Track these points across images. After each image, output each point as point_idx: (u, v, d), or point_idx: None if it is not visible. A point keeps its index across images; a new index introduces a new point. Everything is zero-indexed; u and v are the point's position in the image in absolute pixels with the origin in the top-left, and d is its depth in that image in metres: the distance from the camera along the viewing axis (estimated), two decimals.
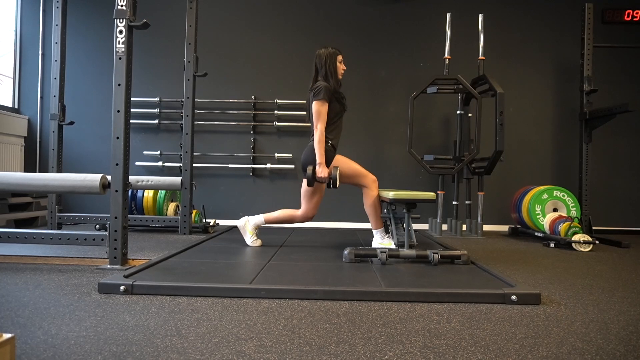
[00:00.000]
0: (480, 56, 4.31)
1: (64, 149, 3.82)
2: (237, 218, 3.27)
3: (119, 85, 2.47)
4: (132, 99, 4.75)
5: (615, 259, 3.06)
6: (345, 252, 2.64)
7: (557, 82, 4.88)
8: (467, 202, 4.44)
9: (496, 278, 2.20)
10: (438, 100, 4.80)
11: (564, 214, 3.84)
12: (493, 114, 4.00)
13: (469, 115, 4.46)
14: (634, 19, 4.80)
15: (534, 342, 1.41)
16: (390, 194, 2.66)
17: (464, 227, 4.40)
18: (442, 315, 1.67)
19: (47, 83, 4.80)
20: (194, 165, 4.63)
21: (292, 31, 4.93)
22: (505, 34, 4.86)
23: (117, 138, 2.46)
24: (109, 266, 2.43)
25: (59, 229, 3.83)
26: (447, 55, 4.32)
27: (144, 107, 4.86)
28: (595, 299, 1.97)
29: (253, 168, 4.85)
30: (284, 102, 4.81)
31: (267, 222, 3.17)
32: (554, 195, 3.91)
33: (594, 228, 4.16)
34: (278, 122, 4.81)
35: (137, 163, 4.82)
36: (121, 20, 2.47)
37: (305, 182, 2.95)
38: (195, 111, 4.66)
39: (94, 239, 2.48)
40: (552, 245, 3.58)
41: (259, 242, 3.20)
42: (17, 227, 4.03)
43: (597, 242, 3.46)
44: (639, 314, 1.75)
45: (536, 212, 3.91)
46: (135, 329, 1.46)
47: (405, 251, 2.63)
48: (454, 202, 4.49)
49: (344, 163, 3.03)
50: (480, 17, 4.34)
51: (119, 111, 2.47)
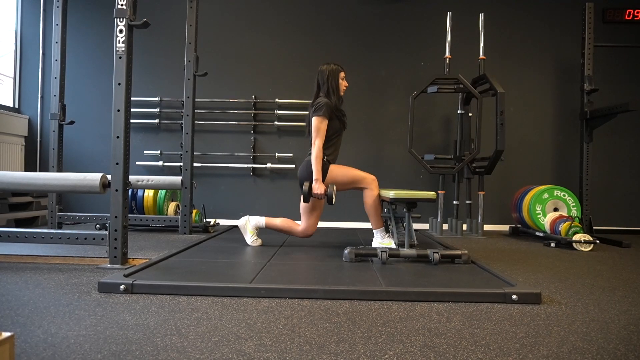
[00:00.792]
0: (481, 56, 4.31)
1: (64, 149, 3.83)
2: (238, 218, 3.27)
3: (119, 84, 2.47)
4: (132, 98, 4.78)
5: (616, 259, 3.05)
6: (346, 251, 2.63)
7: (558, 81, 4.87)
8: (467, 202, 4.44)
9: (497, 277, 2.19)
10: (438, 100, 4.79)
11: (564, 214, 3.83)
12: (493, 114, 3.99)
13: (470, 114, 4.46)
14: (635, 19, 4.79)
15: (534, 341, 1.41)
16: (390, 194, 2.66)
17: (465, 226, 4.40)
18: (443, 315, 1.67)
19: (47, 83, 4.80)
20: (195, 164, 4.63)
21: (293, 30, 4.93)
22: (505, 33, 4.86)
23: (117, 137, 2.46)
24: (109, 265, 2.43)
25: (60, 228, 3.83)
26: (447, 54, 4.32)
27: (144, 107, 4.86)
28: (596, 298, 1.97)
29: (253, 168, 4.85)
30: (284, 102, 4.81)
31: (268, 226, 3.17)
32: (555, 194, 3.91)
33: (594, 228, 4.16)
34: (278, 121, 4.81)
35: (137, 163, 4.82)
36: (121, 20, 2.47)
37: (302, 198, 2.96)
38: (196, 111, 4.65)
39: (94, 239, 2.48)
40: (552, 244, 3.58)
41: (259, 242, 3.20)
42: (17, 227, 4.03)
43: (597, 241, 3.45)
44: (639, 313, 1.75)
45: (537, 212, 3.90)
46: (135, 328, 1.46)
47: (406, 251, 2.62)
48: (455, 202, 4.48)
49: (340, 173, 3.00)
50: (481, 16, 4.34)
51: (119, 110, 2.46)
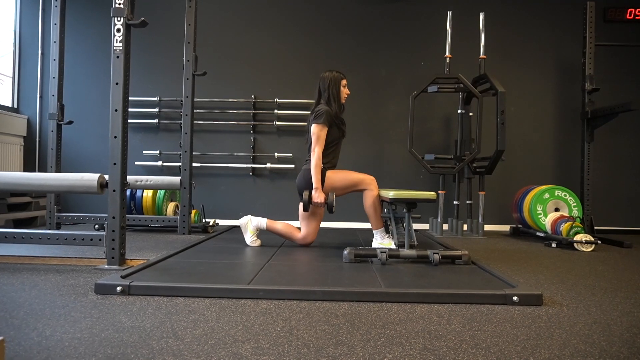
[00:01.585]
0: (481, 55, 4.29)
1: (64, 149, 3.82)
2: (237, 218, 3.25)
3: (117, 84, 2.45)
4: (131, 98, 4.77)
5: (618, 260, 3.03)
6: (345, 252, 2.61)
7: (559, 81, 4.85)
8: (468, 202, 4.42)
9: (497, 278, 2.17)
10: (439, 100, 4.77)
11: (565, 214, 3.81)
12: (494, 113, 3.97)
13: (470, 114, 4.44)
14: (636, 18, 4.77)
15: (535, 344, 1.39)
16: (390, 194, 2.64)
17: (465, 227, 4.38)
18: (443, 317, 1.65)
19: (46, 83, 4.78)
20: (194, 164, 4.62)
21: (293, 30, 4.91)
22: (506, 32, 4.83)
23: (115, 137, 2.44)
24: (106, 266, 2.41)
25: (58, 229, 3.81)
26: (447, 54, 4.30)
27: (143, 107, 4.84)
28: (597, 299, 1.95)
29: (253, 168, 4.83)
30: (284, 102, 4.79)
31: (269, 229, 3.16)
32: (556, 194, 3.89)
33: (595, 228, 4.13)
34: (278, 121, 4.79)
35: (136, 163, 4.80)
36: (119, 19, 2.45)
37: (302, 207, 2.94)
38: (195, 110, 4.63)
39: (91, 239, 2.46)
40: (553, 245, 3.56)
41: (258, 242, 3.18)
42: (16, 227, 4.02)
43: (599, 242, 3.43)
44: None
45: (538, 212, 3.88)
46: (131, 331, 1.44)
47: (406, 251, 2.60)
48: (455, 202, 4.46)
49: (338, 179, 2.99)
50: (482, 15, 4.32)
51: (116, 110, 2.45)
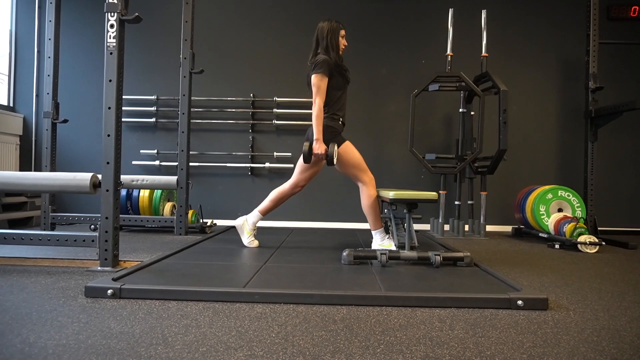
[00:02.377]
0: (483, 53, 4.22)
1: (62, 149, 3.76)
2: (235, 218, 3.18)
3: (110, 81, 2.38)
4: (129, 96, 4.73)
5: (623, 261, 2.97)
6: (344, 253, 2.55)
7: (561, 79, 4.78)
8: (469, 202, 4.35)
9: (501, 281, 2.11)
10: (440, 98, 4.71)
11: (569, 215, 3.74)
12: (496, 112, 3.90)
13: (472, 113, 4.37)
14: None
15: (542, 351, 1.33)
16: (391, 194, 2.58)
17: (466, 227, 4.31)
18: (445, 322, 1.59)
19: (42, 81, 4.71)
20: (192, 164, 4.56)
21: (292, 28, 4.84)
22: (508, 31, 4.77)
23: (108, 136, 2.38)
24: (99, 268, 2.35)
25: (53, 229, 3.75)
26: (449, 52, 4.23)
27: (140, 105, 4.78)
28: (605, 303, 1.88)
29: (252, 167, 4.76)
30: (283, 100, 4.72)
31: (263, 213, 3.07)
32: (559, 195, 3.82)
33: (598, 229, 4.06)
34: (277, 120, 4.72)
35: (134, 162, 4.74)
36: (112, 14, 2.38)
37: (302, 158, 2.85)
38: (193, 109, 4.58)
39: (84, 240, 2.40)
40: (557, 246, 3.49)
41: (255, 243, 3.11)
42: (11, 227, 3.96)
43: (603, 243, 3.37)
44: None
45: (540, 213, 3.82)
46: (119, 337, 1.38)
47: (406, 253, 2.54)
48: (456, 202, 4.40)
49: (350, 149, 2.90)
50: (483, 13, 4.25)
51: (110, 108, 2.38)
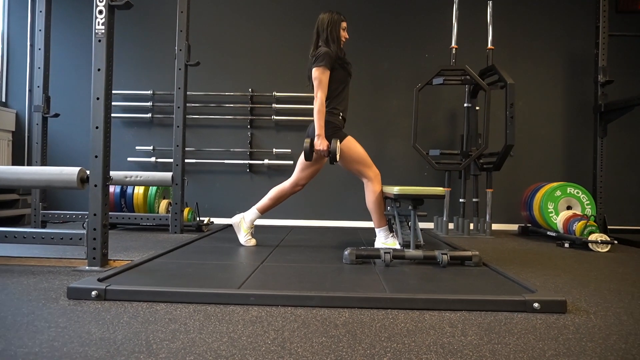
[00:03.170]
0: (489, 46, 4.09)
1: (55, 144, 3.64)
2: (233, 216, 3.06)
3: (99, 70, 2.26)
4: (124, 91, 4.60)
5: (637, 261, 2.84)
6: (346, 252, 2.42)
7: (569, 73, 4.65)
8: (474, 200, 4.22)
9: (513, 282, 1.98)
10: (444, 93, 4.58)
11: (578, 212, 3.61)
12: (502, 107, 3.78)
13: (477, 108, 4.23)
14: None
15: None
16: (395, 189, 2.45)
17: (472, 225, 4.18)
18: (456, 327, 1.46)
19: (35, 76, 4.59)
20: (189, 161, 4.44)
21: (291, 22, 4.71)
22: (514, 23, 4.63)
23: (97, 128, 2.25)
24: (87, 267, 2.22)
25: (44, 227, 3.63)
26: (454, 44, 4.10)
27: (136, 100, 4.65)
28: (626, 306, 1.75)
29: (250, 164, 4.64)
30: (282, 95, 4.60)
31: (262, 211, 2.95)
32: (568, 192, 3.69)
33: (608, 227, 3.94)
34: (276, 116, 4.60)
35: (129, 159, 4.62)
36: (100, 0, 2.26)
37: (303, 156, 2.73)
38: (190, 105, 4.46)
39: (71, 238, 2.27)
40: (566, 245, 3.36)
41: (253, 242, 2.98)
42: (1, 226, 3.83)
43: (615, 242, 3.24)
44: None
45: (549, 210, 3.68)
46: (98, 344, 1.25)
47: (411, 252, 2.41)
48: (461, 200, 4.26)
49: (353, 145, 2.77)
50: (489, 4, 4.12)
51: (98, 98, 2.25)
